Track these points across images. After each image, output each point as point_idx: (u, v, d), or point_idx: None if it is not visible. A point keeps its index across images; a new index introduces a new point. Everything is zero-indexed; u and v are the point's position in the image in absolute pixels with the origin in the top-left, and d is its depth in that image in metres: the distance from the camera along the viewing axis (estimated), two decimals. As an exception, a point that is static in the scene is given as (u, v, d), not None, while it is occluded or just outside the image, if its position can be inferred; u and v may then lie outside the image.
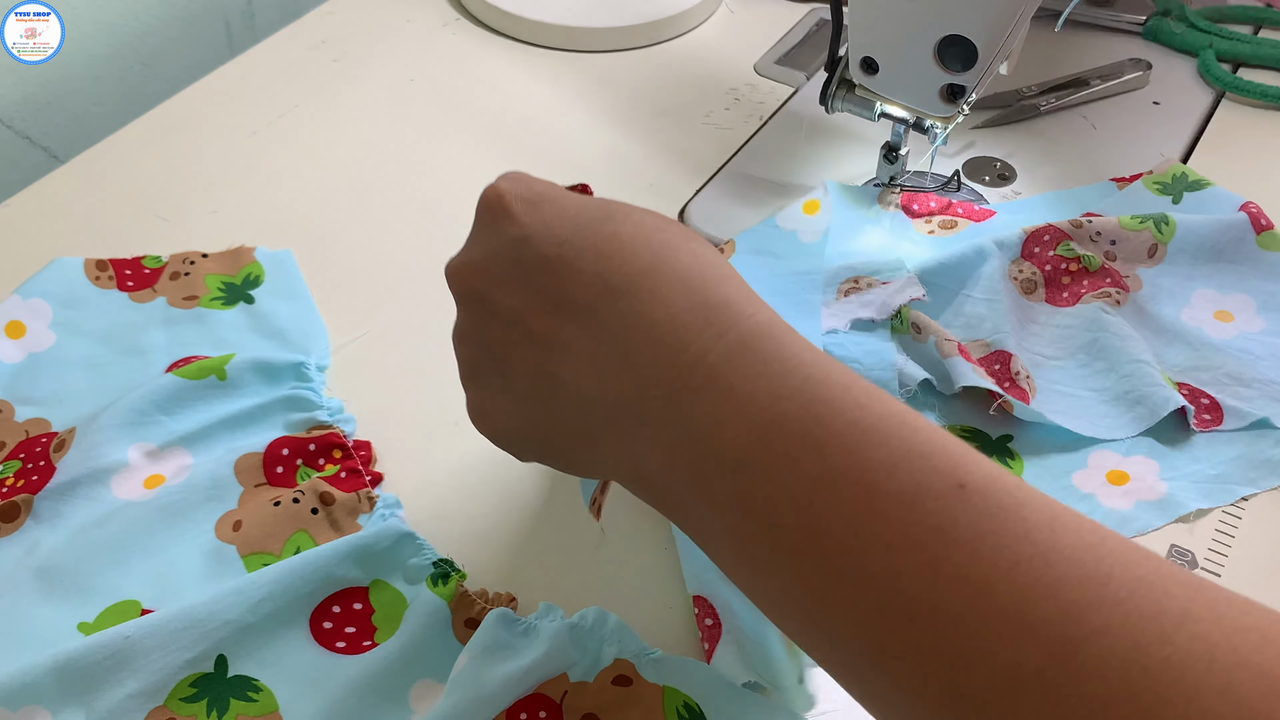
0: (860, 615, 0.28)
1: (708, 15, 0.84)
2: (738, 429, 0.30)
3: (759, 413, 0.30)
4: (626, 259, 0.33)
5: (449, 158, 0.70)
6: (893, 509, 0.28)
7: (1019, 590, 0.26)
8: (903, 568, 0.27)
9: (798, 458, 0.29)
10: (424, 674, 0.45)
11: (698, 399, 0.31)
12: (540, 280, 0.35)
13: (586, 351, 0.34)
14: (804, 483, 0.29)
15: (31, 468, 0.51)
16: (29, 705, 0.42)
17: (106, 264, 0.60)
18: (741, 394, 0.30)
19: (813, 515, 0.29)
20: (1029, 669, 0.25)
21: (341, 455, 0.52)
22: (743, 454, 0.30)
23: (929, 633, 0.27)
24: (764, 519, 0.30)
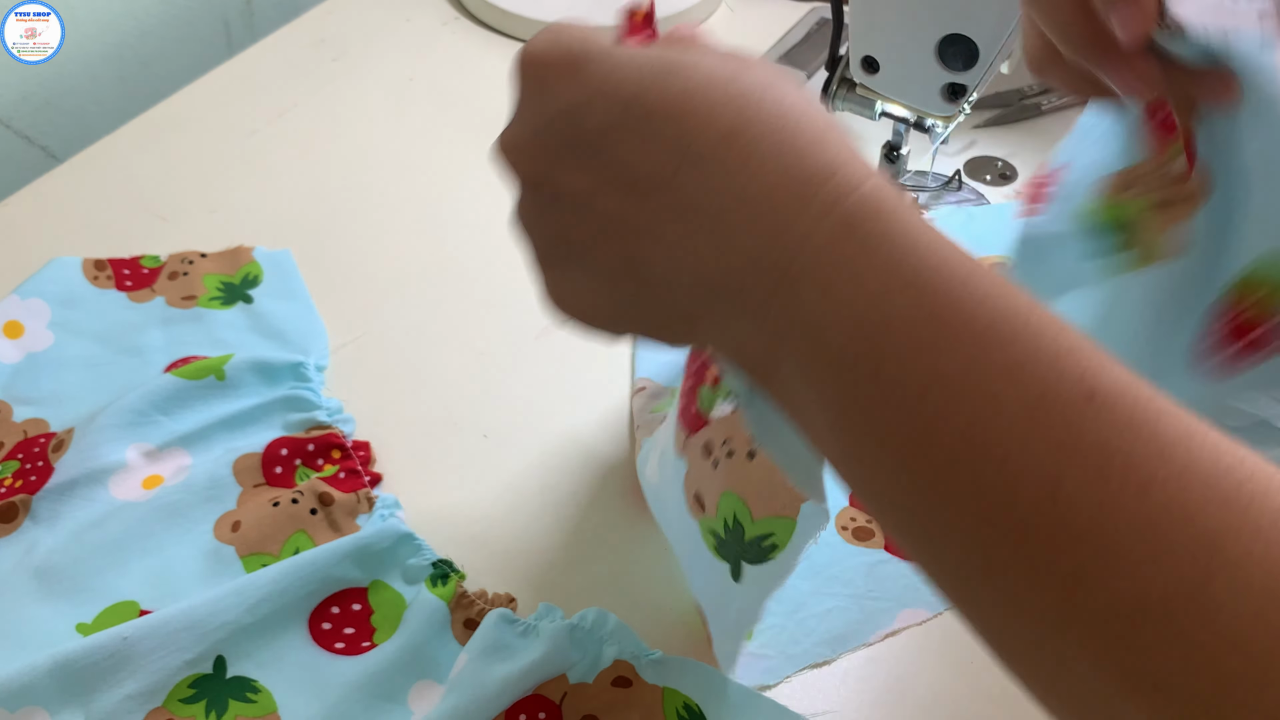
0: (969, 525, 0.26)
1: (708, 15, 0.84)
2: (843, 325, 0.27)
3: (867, 309, 0.27)
4: (704, 120, 0.29)
5: (448, 157, 0.70)
6: (1012, 418, 0.25)
7: (1148, 512, 0.24)
8: (1020, 481, 0.25)
9: (908, 359, 0.26)
10: (423, 674, 0.44)
11: (798, 291, 0.28)
12: (606, 154, 0.30)
13: (673, 232, 0.30)
14: (915, 385, 0.26)
15: (30, 468, 0.50)
16: (28, 706, 0.41)
17: (105, 264, 0.60)
18: (846, 288, 0.27)
19: (924, 420, 0.26)
20: (1153, 597, 0.23)
21: (340, 455, 0.52)
22: (849, 351, 0.27)
23: (1044, 550, 0.24)
24: (872, 419, 0.27)
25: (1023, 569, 0.25)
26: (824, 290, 0.27)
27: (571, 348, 0.58)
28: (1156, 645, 0.23)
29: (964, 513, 0.26)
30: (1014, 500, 0.25)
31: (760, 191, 0.28)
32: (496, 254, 0.64)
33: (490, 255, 0.64)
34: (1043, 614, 0.25)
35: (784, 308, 0.28)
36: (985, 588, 0.26)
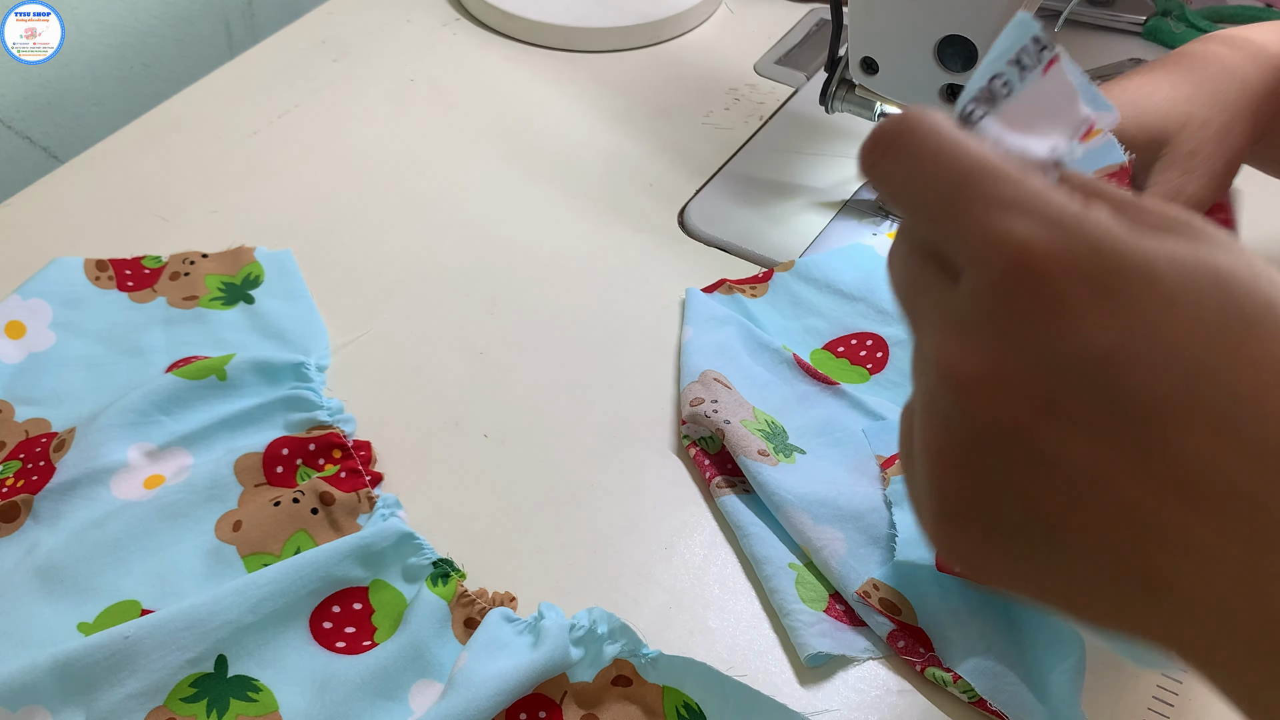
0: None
1: (708, 15, 0.84)
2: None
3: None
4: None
5: (449, 157, 0.70)
6: None
7: None
8: None
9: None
10: (424, 673, 0.45)
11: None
12: (1154, 434, 0.22)
13: (1238, 564, 0.22)
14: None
15: (31, 468, 0.51)
16: (29, 705, 0.42)
17: (106, 264, 0.60)
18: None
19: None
20: None
21: (341, 455, 0.52)
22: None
23: None
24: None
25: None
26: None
27: (571, 348, 0.59)
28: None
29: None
30: None
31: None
32: (497, 254, 0.64)
33: (490, 255, 0.64)
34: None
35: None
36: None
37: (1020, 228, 0.22)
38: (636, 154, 0.71)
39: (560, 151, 0.71)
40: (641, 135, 0.72)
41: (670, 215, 0.67)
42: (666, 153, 0.71)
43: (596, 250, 0.64)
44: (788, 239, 0.65)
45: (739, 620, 0.47)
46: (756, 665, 0.46)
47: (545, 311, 0.61)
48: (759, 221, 0.66)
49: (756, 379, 0.56)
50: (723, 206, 0.67)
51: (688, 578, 0.49)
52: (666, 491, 0.52)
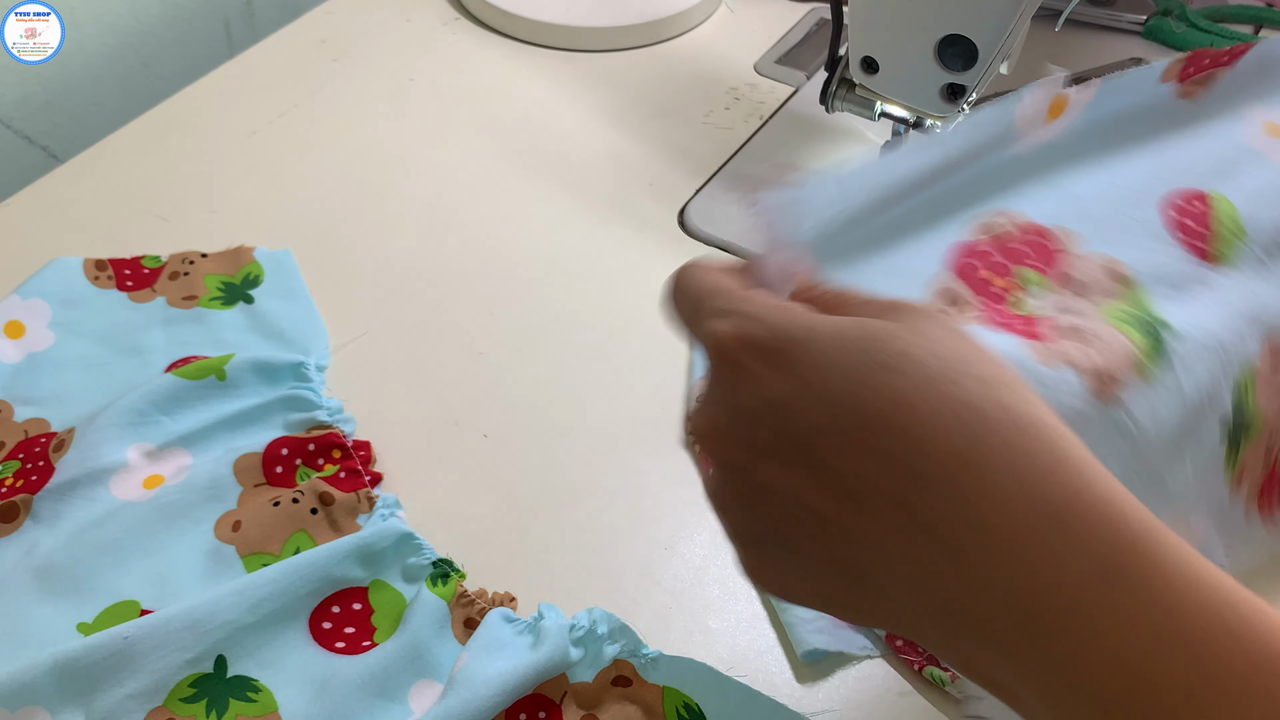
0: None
1: (708, 15, 0.84)
2: (1104, 675, 0.25)
3: (1131, 661, 0.25)
4: (928, 435, 0.27)
5: (449, 157, 0.70)
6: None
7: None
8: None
9: (1176, 713, 0.25)
10: (424, 674, 0.45)
11: (1054, 635, 0.26)
12: (818, 456, 0.28)
13: (900, 549, 0.27)
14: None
15: (31, 468, 0.51)
16: (28, 706, 0.42)
17: (106, 264, 0.60)
18: (1109, 639, 0.25)
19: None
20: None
21: (341, 455, 0.52)
22: (1105, 696, 0.26)
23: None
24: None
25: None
26: (1085, 637, 0.25)
27: (572, 347, 0.59)
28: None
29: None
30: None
31: (1002, 522, 0.26)
32: (496, 254, 0.64)
33: (490, 255, 0.64)
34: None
35: (1033, 646, 0.26)
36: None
37: (722, 326, 0.31)
38: (636, 154, 0.71)
39: (560, 151, 0.71)
40: (641, 135, 0.72)
41: (670, 215, 0.67)
42: (666, 153, 0.71)
43: (596, 250, 0.64)
44: (788, 239, 0.65)
45: (739, 620, 0.47)
46: (756, 665, 0.46)
47: (545, 311, 0.61)
48: (759, 221, 0.66)
49: None
50: (723, 206, 0.67)
51: (688, 578, 0.49)
52: (666, 491, 0.52)
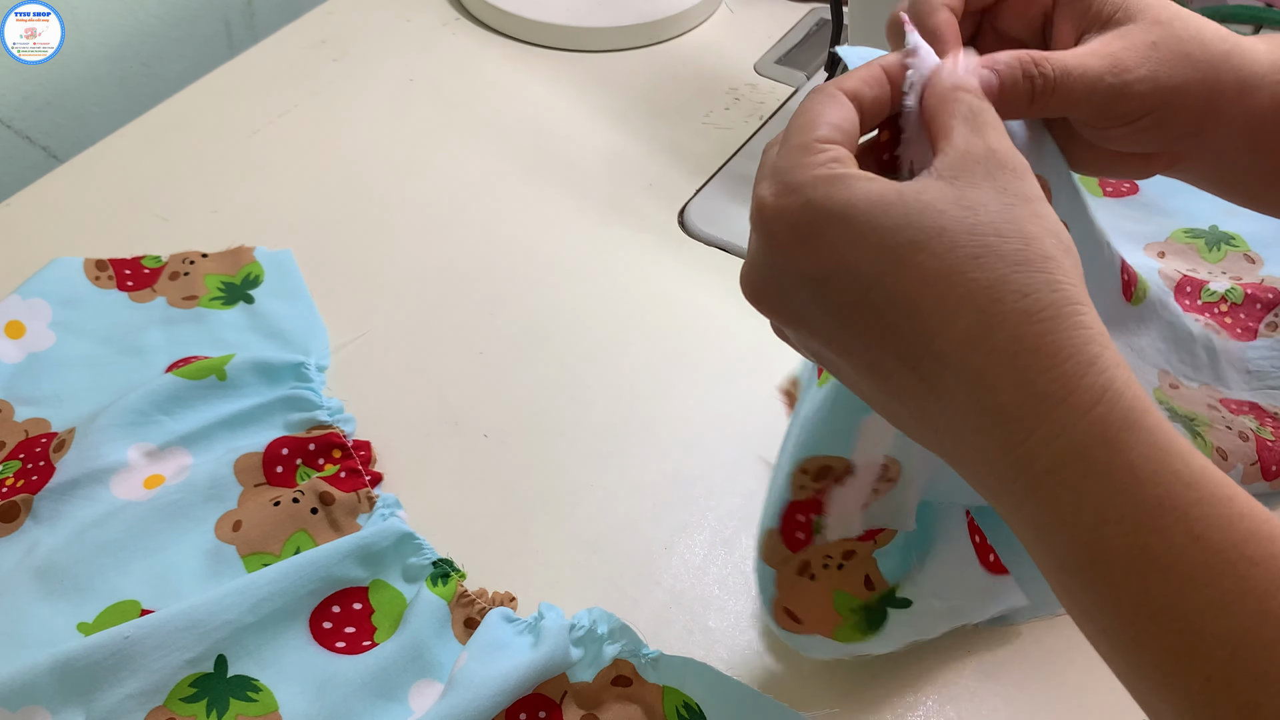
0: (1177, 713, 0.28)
1: (708, 15, 0.84)
2: (1061, 541, 0.29)
3: (1083, 532, 0.28)
4: (945, 319, 0.29)
5: (449, 157, 0.70)
6: (1215, 651, 0.27)
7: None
8: (1219, 701, 0.27)
9: (1119, 584, 0.28)
10: (424, 673, 0.45)
11: (1026, 501, 0.29)
12: (848, 328, 0.31)
13: (911, 408, 0.31)
14: (1126, 606, 0.28)
15: (31, 468, 0.51)
16: (29, 705, 0.42)
17: (106, 264, 0.60)
18: (1066, 510, 0.28)
19: (1134, 634, 0.28)
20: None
21: (341, 455, 0.52)
22: (1067, 560, 0.29)
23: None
24: (1086, 611, 0.29)
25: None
26: (1048, 508, 0.29)
27: (572, 347, 0.59)
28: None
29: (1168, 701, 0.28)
30: (1214, 712, 0.27)
31: (994, 406, 0.29)
32: (496, 254, 0.64)
33: (490, 255, 0.64)
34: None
35: (1013, 503, 0.30)
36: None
37: (765, 192, 0.32)
38: (636, 154, 0.71)
39: (560, 151, 0.71)
40: (641, 135, 0.72)
41: (670, 215, 0.67)
42: (666, 153, 0.71)
43: (596, 250, 0.64)
44: (788, 239, 0.65)
45: (739, 620, 0.47)
46: (756, 665, 0.46)
47: (545, 311, 0.61)
48: (759, 221, 0.66)
49: None
50: (723, 206, 0.67)
51: (688, 578, 0.49)
52: (666, 491, 0.52)
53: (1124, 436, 0.28)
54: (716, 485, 0.53)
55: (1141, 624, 0.28)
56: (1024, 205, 0.30)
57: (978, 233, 0.29)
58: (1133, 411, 0.28)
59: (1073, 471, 0.28)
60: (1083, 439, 0.28)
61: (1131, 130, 0.37)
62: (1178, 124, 0.37)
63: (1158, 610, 0.27)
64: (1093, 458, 0.28)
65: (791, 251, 0.31)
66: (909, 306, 0.29)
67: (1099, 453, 0.28)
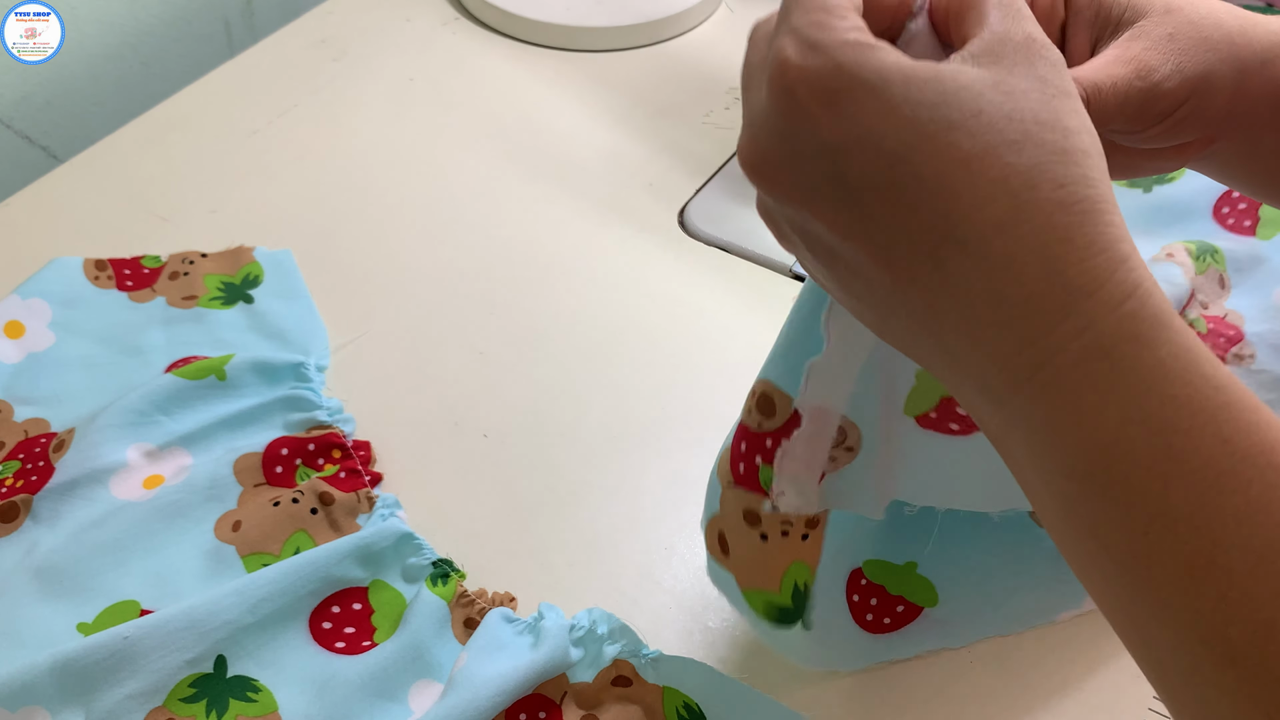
0: (1176, 635, 0.26)
1: (708, 15, 0.84)
2: (1079, 442, 0.27)
3: (1103, 432, 0.26)
4: (974, 204, 0.27)
5: (449, 157, 0.70)
6: (1236, 561, 0.25)
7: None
8: (1235, 618, 0.25)
9: (1138, 489, 0.26)
10: (423, 674, 0.45)
11: (1040, 400, 0.27)
12: (865, 209, 0.28)
13: (924, 299, 0.29)
14: (1141, 514, 0.26)
15: (31, 468, 0.51)
16: (28, 705, 0.42)
17: (106, 264, 0.60)
18: (1088, 409, 0.27)
19: (1145, 546, 0.26)
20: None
21: (341, 455, 0.52)
22: (1079, 466, 0.27)
23: (1250, 683, 0.25)
24: (1095, 526, 0.27)
25: (1227, 692, 0.25)
26: (1066, 406, 0.27)
27: (572, 347, 0.59)
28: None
29: (1174, 624, 0.26)
30: (1227, 632, 0.25)
31: (1019, 297, 0.27)
32: (496, 254, 0.64)
33: (490, 255, 0.64)
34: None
35: (1022, 410, 0.28)
36: (1185, 684, 0.27)
37: (789, 49, 0.28)
38: (636, 154, 0.71)
39: (560, 151, 0.71)
40: (641, 135, 0.72)
41: (670, 215, 0.67)
42: (666, 153, 0.71)
43: (596, 250, 0.64)
44: (788, 239, 0.65)
45: (739, 620, 0.47)
46: (756, 665, 0.46)
47: (545, 311, 0.61)
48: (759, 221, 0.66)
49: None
50: (723, 206, 0.67)
51: (688, 578, 0.49)
52: (666, 491, 0.52)
53: (1154, 334, 0.26)
54: (716, 485, 0.53)
55: (1157, 534, 0.26)
56: (1064, 99, 0.28)
57: (1016, 118, 0.27)
58: (1161, 312, 0.27)
59: (1099, 367, 0.26)
60: (1112, 334, 0.26)
61: (1167, 125, 0.37)
62: (1212, 108, 0.37)
63: (1178, 518, 0.26)
64: (1121, 353, 0.26)
65: (814, 115, 0.28)
66: (936, 185, 0.27)
67: (1127, 349, 0.26)
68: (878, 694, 0.45)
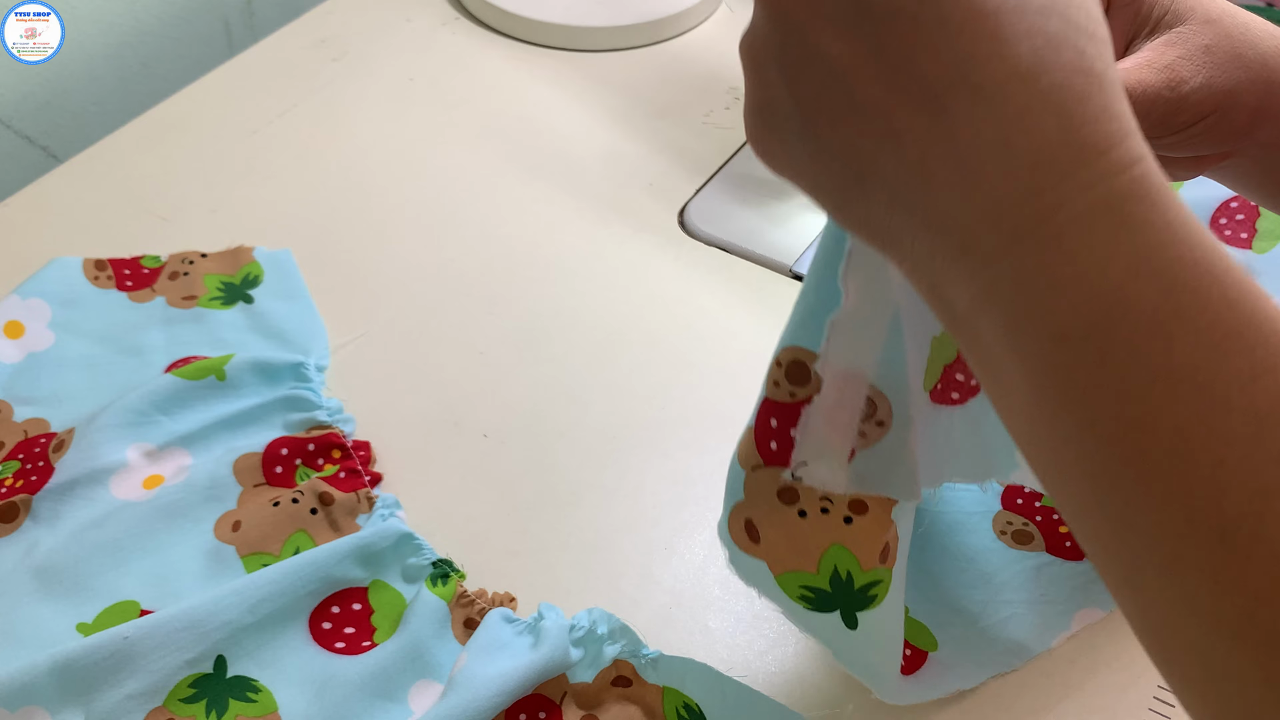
0: (1164, 517, 0.25)
1: (708, 15, 0.84)
2: (1077, 299, 0.26)
3: (1108, 288, 0.25)
4: (1000, 49, 0.26)
5: (449, 157, 0.70)
6: (1236, 426, 0.24)
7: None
8: (1231, 488, 0.24)
9: (1141, 349, 0.25)
10: (423, 674, 0.45)
11: (1039, 254, 0.26)
12: (885, 36, 0.27)
13: (918, 150, 0.27)
14: (1141, 376, 0.25)
15: (30, 468, 0.50)
16: (28, 706, 0.42)
17: (105, 264, 0.60)
18: (1092, 262, 0.26)
19: (1141, 411, 0.25)
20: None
21: (340, 455, 0.52)
22: (1075, 326, 0.26)
23: (1241, 565, 0.24)
24: (1079, 398, 0.26)
25: (1211, 576, 0.24)
26: (1068, 260, 0.26)
27: (572, 347, 0.59)
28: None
29: (1161, 503, 0.25)
30: (1220, 506, 0.24)
31: (1028, 148, 0.26)
32: (496, 254, 0.64)
33: (490, 255, 0.64)
34: (1222, 624, 0.24)
35: (1013, 269, 0.27)
36: (1164, 581, 0.25)
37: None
38: (636, 154, 0.71)
39: (560, 151, 0.71)
40: (641, 135, 0.72)
41: (670, 215, 0.67)
42: (666, 153, 0.71)
43: (596, 250, 0.64)
44: (788, 239, 0.65)
45: (739, 620, 0.47)
46: (756, 665, 0.46)
47: (545, 311, 0.60)
48: (759, 221, 0.66)
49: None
50: (723, 206, 0.67)
51: (688, 578, 0.49)
52: (666, 491, 0.52)
53: (1163, 197, 0.26)
54: (716, 485, 0.52)
55: (1155, 398, 0.25)
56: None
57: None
58: (1165, 185, 0.26)
59: (1107, 221, 0.26)
60: (1122, 191, 0.26)
61: (1184, 137, 0.36)
62: (1232, 125, 0.36)
63: (1180, 379, 0.25)
64: (1130, 210, 0.26)
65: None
66: (961, 27, 0.26)
67: (1136, 207, 0.26)
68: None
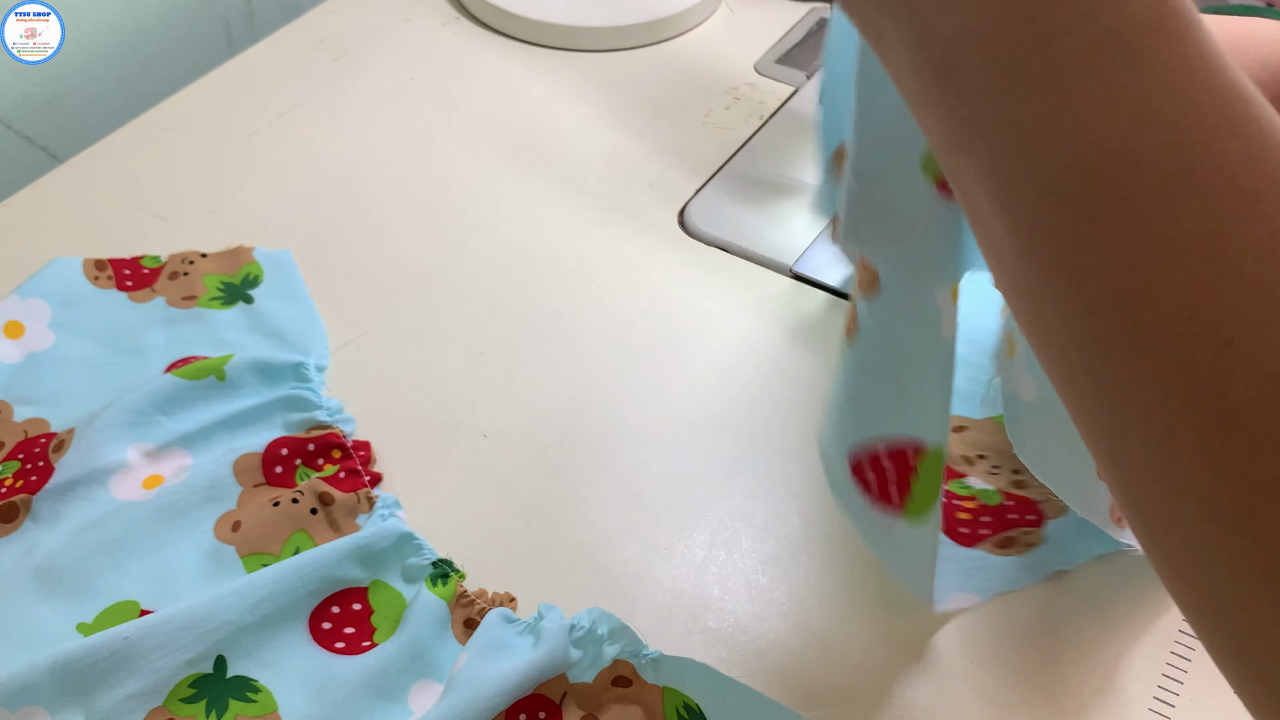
0: (1159, 400, 0.22)
1: (708, 15, 0.84)
2: (1074, 148, 0.23)
3: (1110, 137, 0.22)
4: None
5: (448, 157, 0.70)
6: (1250, 302, 0.21)
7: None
8: (1238, 370, 0.21)
9: (1144, 210, 0.22)
10: (423, 674, 0.45)
11: (1029, 91, 0.23)
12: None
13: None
14: (1141, 241, 0.22)
15: (30, 468, 0.50)
16: (28, 706, 0.42)
17: (105, 264, 0.60)
18: (1093, 105, 0.22)
19: (1139, 278, 0.22)
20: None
21: (340, 455, 0.52)
22: (1070, 179, 0.23)
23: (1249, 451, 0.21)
24: (1069, 260, 0.23)
25: (1209, 462, 0.22)
26: (1064, 101, 0.23)
27: (572, 347, 0.59)
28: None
29: (1156, 379, 0.22)
30: (1224, 390, 0.22)
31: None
32: (496, 254, 0.64)
33: (490, 255, 0.64)
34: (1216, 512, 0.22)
35: (999, 105, 0.23)
36: (1152, 457, 0.23)
37: None
38: (636, 154, 0.71)
39: (560, 151, 0.71)
40: (641, 135, 0.72)
41: (670, 215, 0.67)
42: (666, 153, 0.71)
43: (596, 250, 0.64)
44: (788, 239, 0.65)
45: (739, 621, 0.47)
46: (756, 665, 0.46)
47: (545, 311, 0.60)
48: (759, 221, 0.66)
49: None
50: (723, 206, 0.67)
51: (688, 578, 0.49)
52: (666, 491, 0.52)
53: (1180, 30, 0.22)
54: (716, 485, 0.53)
55: (1158, 266, 0.22)
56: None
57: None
58: (1189, 8, 0.23)
59: (1112, 56, 0.22)
60: (1134, 20, 0.22)
61: None
62: None
63: (1187, 245, 0.22)
64: (1141, 45, 0.22)
65: None
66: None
67: (1149, 40, 0.22)
68: (877, 695, 0.45)
